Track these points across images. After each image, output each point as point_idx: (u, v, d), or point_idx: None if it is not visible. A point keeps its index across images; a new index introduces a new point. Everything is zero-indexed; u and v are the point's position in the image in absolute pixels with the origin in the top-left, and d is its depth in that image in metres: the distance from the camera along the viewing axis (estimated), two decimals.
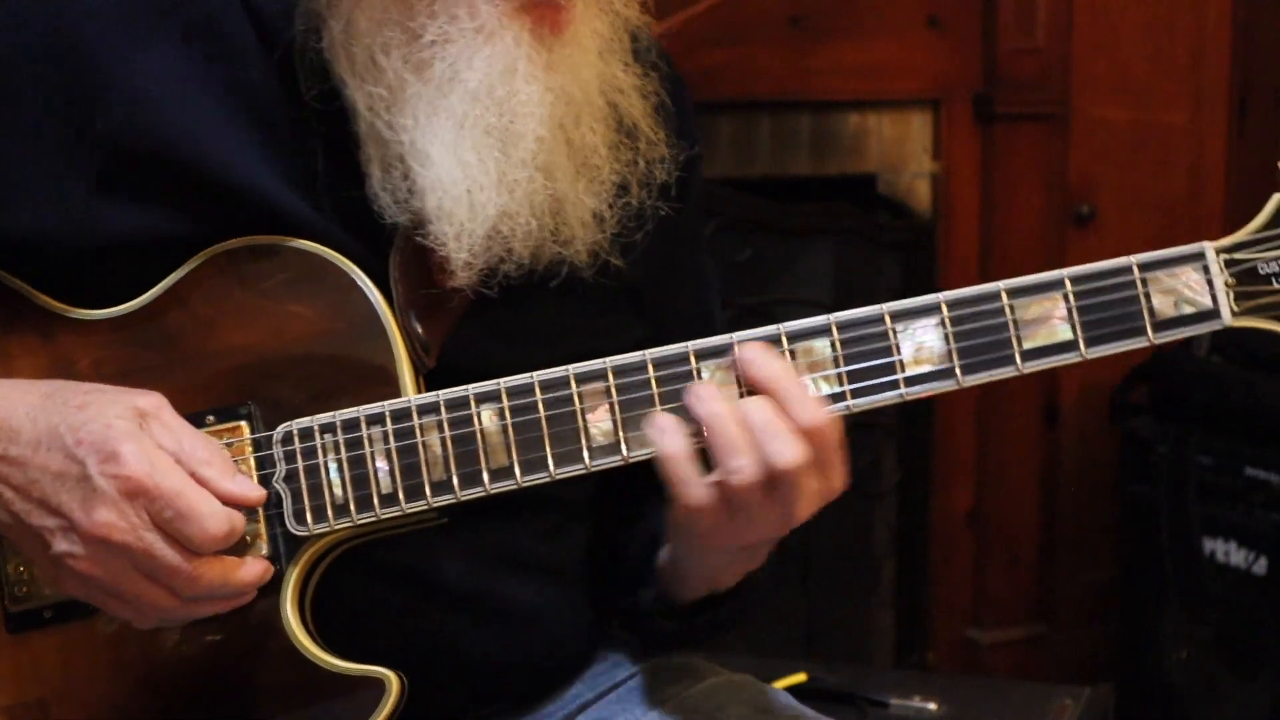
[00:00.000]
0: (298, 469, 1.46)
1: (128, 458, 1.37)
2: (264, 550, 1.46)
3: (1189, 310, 1.44)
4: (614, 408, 1.45)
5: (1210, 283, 1.44)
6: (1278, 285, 1.44)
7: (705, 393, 1.42)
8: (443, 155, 1.47)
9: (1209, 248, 1.45)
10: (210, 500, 1.39)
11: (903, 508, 3.94)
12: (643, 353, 1.45)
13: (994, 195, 3.88)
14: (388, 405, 1.46)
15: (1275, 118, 4.05)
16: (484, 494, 1.45)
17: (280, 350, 1.50)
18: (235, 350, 1.50)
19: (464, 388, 1.46)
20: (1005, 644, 4.01)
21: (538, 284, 1.54)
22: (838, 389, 1.44)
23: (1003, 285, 1.45)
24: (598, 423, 1.45)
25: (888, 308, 1.46)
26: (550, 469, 1.45)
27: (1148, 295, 1.44)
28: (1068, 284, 1.44)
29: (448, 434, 1.45)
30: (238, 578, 1.42)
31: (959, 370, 1.44)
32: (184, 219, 1.50)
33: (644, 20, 1.59)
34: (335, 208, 1.51)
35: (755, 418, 1.40)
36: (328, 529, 1.46)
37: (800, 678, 2.69)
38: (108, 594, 1.41)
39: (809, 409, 1.40)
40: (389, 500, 1.46)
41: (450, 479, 1.45)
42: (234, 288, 1.51)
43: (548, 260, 1.53)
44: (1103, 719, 2.69)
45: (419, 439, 1.45)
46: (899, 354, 1.44)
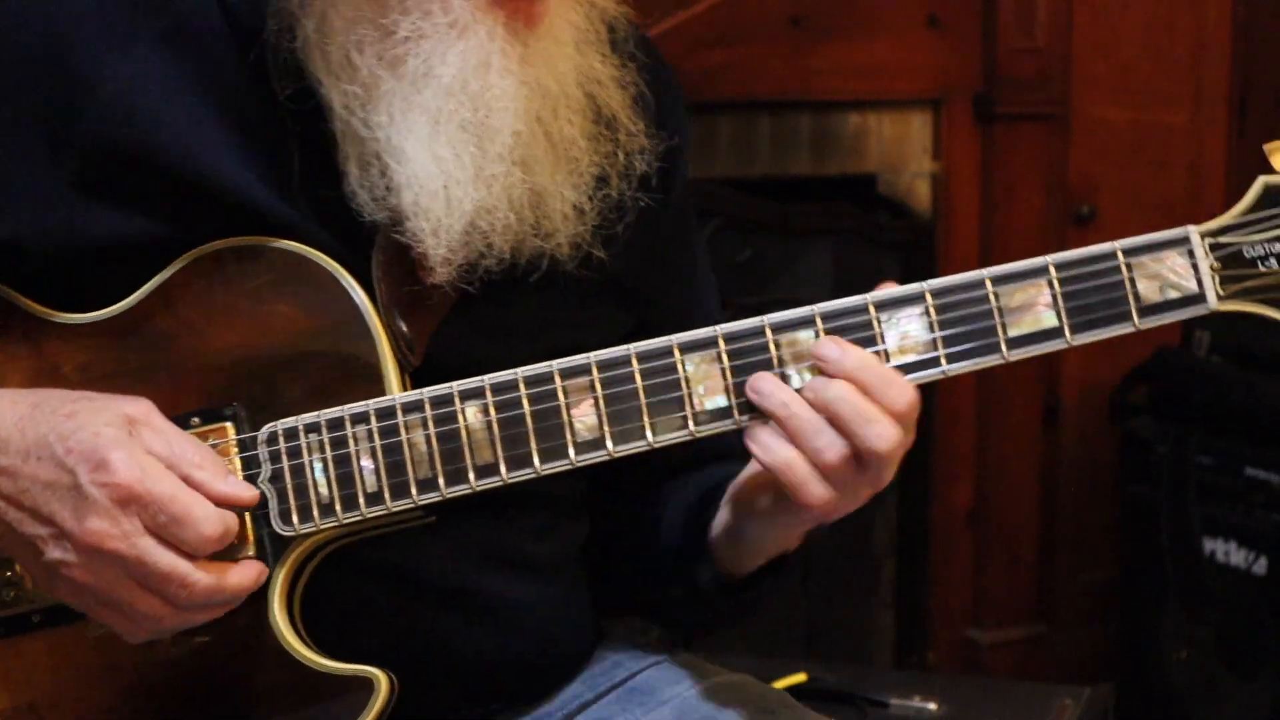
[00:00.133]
0: (283, 469, 1.46)
1: (118, 465, 1.36)
2: (250, 552, 1.45)
3: (1174, 295, 1.43)
4: (599, 402, 1.44)
5: (1195, 267, 1.42)
6: (1263, 268, 1.42)
7: (792, 398, 1.42)
8: (418, 151, 1.46)
9: (1193, 231, 1.43)
10: (203, 503, 1.39)
11: (902, 508, 3.93)
12: (626, 347, 1.45)
13: (994, 195, 3.88)
14: (372, 404, 1.46)
15: (1275, 118, 4.04)
16: (470, 491, 1.45)
17: (265, 351, 1.50)
18: (220, 352, 1.50)
19: (448, 385, 1.45)
20: (1005, 644, 4.01)
21: (520, 278, 1.53)
22: None
23: (987, 273, 1.43)
24: (582, 417, 1.44)
25: (872, 297, 1.45)
26: (536, 465, 1.44)
27: (1133, 280, 1.42)
28: (1052, 270, 1.43)
29: (432, 431, 1.45)
30: (232, 582, 1.42)
31: (944, 359, 1.43)
32: (166, 222, 1.50)
33: (621, 10, 1.58)
34: (313, 207, 1.51)
35: (843, 409, 1.40)
36: (314, 529, 1.46)
37: (800, 678, 2.68)
38: (101, 603, 1.41)
39: (899, 390, 1.42)
40: (375, 499, 1.45)
41: (436, 476, 1.45)
42: (218, 289, 1.50)
43: (529, 254, 1.52)
44: (1103, 719, 2.68)
45: (404, 437, 1.45)
46: (884, 343, 1.44)
